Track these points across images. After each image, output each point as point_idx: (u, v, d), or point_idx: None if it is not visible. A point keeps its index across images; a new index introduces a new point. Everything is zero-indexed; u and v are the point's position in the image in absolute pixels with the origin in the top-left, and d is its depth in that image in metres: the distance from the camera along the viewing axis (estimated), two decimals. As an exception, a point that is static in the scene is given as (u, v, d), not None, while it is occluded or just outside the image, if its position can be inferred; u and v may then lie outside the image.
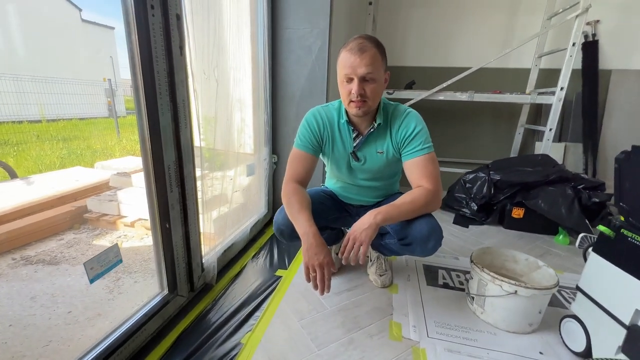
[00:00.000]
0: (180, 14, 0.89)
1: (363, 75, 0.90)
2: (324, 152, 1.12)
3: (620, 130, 2.36)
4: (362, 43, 0.90)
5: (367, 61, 0.89)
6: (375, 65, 0.91)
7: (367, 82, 0.92)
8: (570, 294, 1.26)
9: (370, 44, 0.91)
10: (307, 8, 1.56)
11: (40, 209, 1.88)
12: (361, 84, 0.92)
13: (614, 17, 2.28)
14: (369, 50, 0.90)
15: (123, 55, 3.05)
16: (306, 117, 1.09)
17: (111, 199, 1.92)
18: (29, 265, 1.46)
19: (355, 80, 0.92)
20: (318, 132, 1.07)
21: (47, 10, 5.65)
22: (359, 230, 0.90)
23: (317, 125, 1.07)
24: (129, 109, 8.15)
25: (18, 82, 4.31)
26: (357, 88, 0.91)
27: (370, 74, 0.91)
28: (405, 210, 0.96)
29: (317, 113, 1.08)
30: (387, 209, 0.94)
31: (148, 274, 1.43)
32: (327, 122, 1.07)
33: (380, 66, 0.93)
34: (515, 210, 1.89)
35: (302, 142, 1.07)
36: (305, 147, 1.07)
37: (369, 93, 0.93)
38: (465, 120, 2.69)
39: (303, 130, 1.08)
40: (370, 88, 0.93)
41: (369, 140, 1.06)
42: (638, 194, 0.79)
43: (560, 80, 1.96)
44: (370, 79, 0.92)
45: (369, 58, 0.90)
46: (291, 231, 1.03)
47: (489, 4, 2.45)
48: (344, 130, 1.07)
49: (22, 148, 3.94)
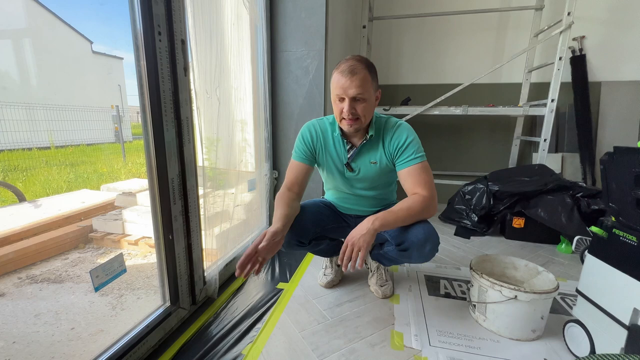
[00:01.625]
0: (184, 39, 0.97)
1: (353, 96, 0.96)
2: (319, 163, 1.17)
3: (614, 139, 2.40)
4: (352, 65, 0.95)
5: (357, 83, 0.94)
6: (365, 86, 0.95)
7: (358, 102, 0.98)
8: (573, 301, 1.24)
9: (361, 66, 0.96)
10: (304, 32, 1.66)
11: (46, 229, 1.92)
12: (352, 103, 0.97)
13: (599, 32, 2.39)
14: (359, 73, 0.95)
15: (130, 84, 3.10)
16: (301, 130, 1.15)
17: (116, 217, 1.96)
18: (34, 283, 1.48)
19: (346, 100, 0.97)
20: (311, 143, 1.13)
21: (60, 43, 5.96)
22: (357, 236, 0.93)
23: (310, 137, 1.13)
24: (135, 135, 8.37)
25: (30, 110, 4.49)
26: (348, 107, 0.97)
27: (361, 94, 0.96)
28: (402, 216, 0.98)
29: (311, 126, 1.15)
30: (384, 215, 0.97)
31: (151, 291, 1.44)
32: (320, 134, 1.13)
33: (370, 86, 0.98)
34: (515, 220, 1.90)
35: (297, 154, 1.14)
36: (300, 157, 1.13)
37: (360, 111, 0.99)
38: (463, 134, 2.75)
39: (298, 143, 1.14)
40: (361, 107, 0.98)
41: (362, 152, 1.10)
42: (624, 193, 0.81)
43: (551, 93, 2.02)
44: (361, 98, 0.97)
45: (359, 80, 0.94)
46: (289, 239, 1.07)
47: (477, 23, 2.57)
48: (338, 143, 1.12)
49: (31, 173, 4.04)
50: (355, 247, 0.92)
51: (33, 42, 5.65)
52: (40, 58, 5.78)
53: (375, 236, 0.96)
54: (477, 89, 2.45)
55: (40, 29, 5.74)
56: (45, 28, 5.95)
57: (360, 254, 0.91)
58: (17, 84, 5.66)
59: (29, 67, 5.55)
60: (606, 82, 2.43)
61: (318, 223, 1.15)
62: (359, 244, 0.91)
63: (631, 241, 0.80)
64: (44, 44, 5.52)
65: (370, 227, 0.94)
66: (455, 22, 2.61)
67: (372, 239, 0.93)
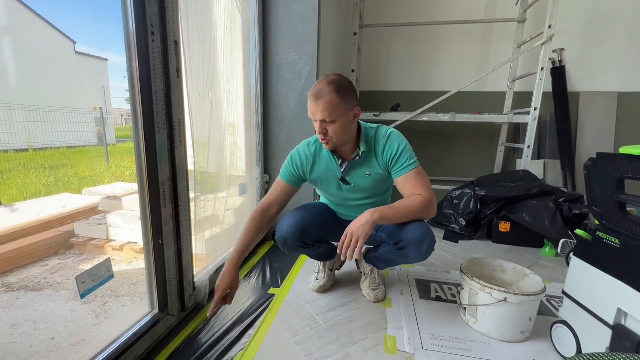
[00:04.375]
0: (178, 40, 0.96)
1: (321, 119, 0.97)
2: (312, 181, 1.17)
3: (592, 147, 2.51)
4: (320, 90, 0.96)
5: (322, 107, 0.95)
6: (330, 109, 0.95)
7: (328, 124, 0.99)
8: (559, 303, 1.28)
9: (329, 89, 0.94)
10: (296, 37, 1.67)
11: (24, 235, 1.83)
12: (322, 124, 0.99)
13: (577, 45, 2.51)
14: (324, 97, 0.94)
15: (115, 86, 3.05)
16: (292, 152, 1.16)
17: (100, 222, 1.89)
18: (10, 292, 1.40)
19: (317, 122, 0.99)
20: (300, 167, 1.14)
21: (41, 43, 5.78)
22: (356, 226, 0.95)
23: (299, 161, 1.14)
24: (119, 137, 8.15)
25: (8, 110, 4.31)
26: (320, 128, 0.99)
27: (327, 117, 0.96)
28: (401, 212, 1.00)
29: (301, 150, 1.15)
30: (384, 208, 0.99)
31: (137, 298, 1.39)
32: (310, 158, 1.14)
33: (338, 108, 0.96)
34: (502, 224, 1.95)
35: (284, 174, 1.15)
36: (286, 178, 1.15)
37: (331, 132, 0.99)
38: (450, 140, 2.81)
39: (287, 163, 1.16)
40: (331, 128, 0.99)
41: (355, 166, 1.11)
42: (607, 197, 0.85)
43: (534, 102, 2.10)
44: (330, 121, 0.97)
45: (324, 104, 0.95)
46: (294, 240, 1.09)
47: (464, 33, 2.66)
48: (330, 159, 1.12)
49: (7, 176, 3.86)
50: (354, 236, 0.93)
51: (12, 41, 5.45)
52: (19, 57, 5.58)
53: (374, 228, 0.96)
54: (463, 97, 2.52)
55: (20, 27, 5.54)
56: (26, 26, 5.76)
57: (359, 243, 0.92)
58: (-6, 84, 5.44)
59: (7, 66, 5.34)
60: (584, 93, 2.55)
61: (321, 226, 1.17)
62: (357, 234, 0.93)
63: (614, 243, 0.83)
64: (24, 43, 5.33)
65: (370, 218, 0.95)
66: (442, 32, 2.69)
67: (371, 229, 0.95)
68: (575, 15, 2.47)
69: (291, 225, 1.10)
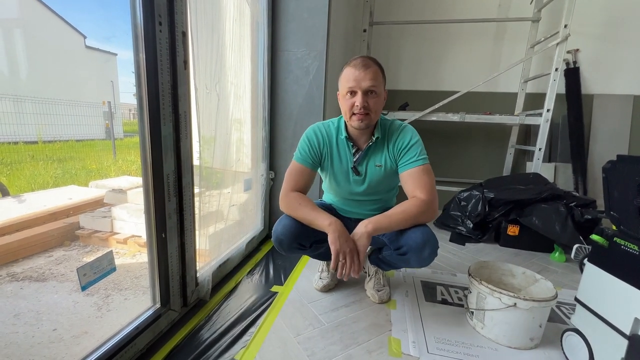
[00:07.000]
0: (186, 31, 0.94)
1: (367, 88, 0.96)
2: (323, 168, 1.14)
3: (605, 151, 2.45)
4: (365, 60, 0.98)
5: (370, 76, 0.96)
6: (377, 80, 0.97)
7: (370, 96, 0.98)
8: (569, 310, 1.24)
9: (373, 62, 0.99)
10: (305, 32, 1.65)
11: (30, 225, 1.84)
12: (364, 96, 0.97)
13: (593, 46, 2.45)
14: (372, 67, 0.97)
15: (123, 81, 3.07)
16: (307, 132, 1.12)
17: (105, 215, 1.89)
18: (14, 282, 1.41)
19: (359, 93, 0.97)
20: (318, 147, 1.10)
21: (52, 36, 5.84)
22: (350, 242, 0.92)
23: (317, 141, 1.10)
24: (126, 132, 8.21)
25: (18, 102, 4.36)
26: (361, 100, 0.97)
27: (374, 87, 0.96)
28: (397, 220, 0.97)
29: (317, 129, 1.12)
30: (378, 218, 0.96)
31: (139, 291, 1.38)
32: (326, 139, 1.11)
33: (381, 82, 1.00)
34: (510, 227, 1.91)
35: (301, 156, 1.10)
36: (305, 161, 1.10)
37: (372, 106, 0.98)
38: (459, 141, 2.77)
39: (303, 144, 1.11)
40: (372, 101, 0.98)
41: (368, 154, 1.09)
42: (626, 202, 0.81)
43: (546, 103, 2.05)
44: (374, 92, 0.98)
45: (372, 73, 0.96)
46: (290, 241, 1.05)
47: (476, 32, 2.61)
48: (343, 146, 1.10)
49: (16, 167, 3.90)
50: (348, 255, 0.90)
51: (24, 34, 5.52)
52: (31, 50, 5.65)
53: (371, 239, 0.95)
54: (474, 97, 2.47)
55: (32, 20, 5.61)
56: (38, 20, 5.82)
57: (360, 257, 0.90)
58: (5, 76, 5.51)
59: (18, 59, 5.41)
60: (598, 95, 2.48)
61: None
62: (353, 250, 0.91)
63: (633, 250, 0.80)
64: (36, 36, 5.40)
65: (364, 230, 0.94)
66: (453, 31, 2.64)
67: (368, 242, 0.93)
68: (590, 15, 2.40)
69: (286, 226, 1.05)
